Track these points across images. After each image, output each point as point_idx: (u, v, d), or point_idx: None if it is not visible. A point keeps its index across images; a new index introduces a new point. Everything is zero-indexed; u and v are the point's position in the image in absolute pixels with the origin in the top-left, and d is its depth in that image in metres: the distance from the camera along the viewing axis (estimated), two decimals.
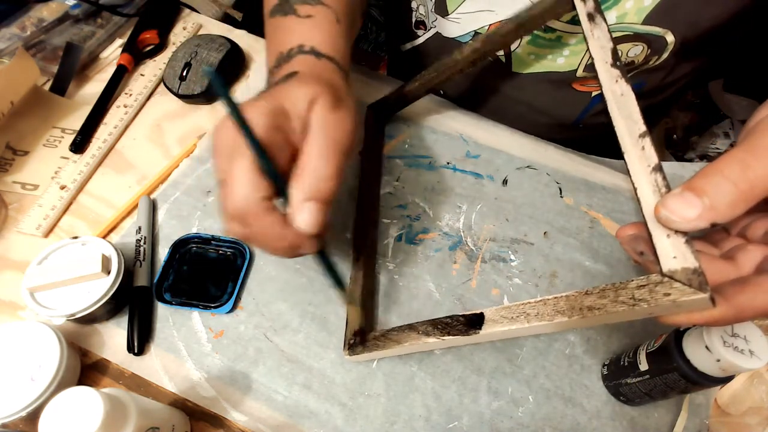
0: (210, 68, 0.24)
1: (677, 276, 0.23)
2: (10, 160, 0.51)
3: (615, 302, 0.25)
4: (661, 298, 0.23)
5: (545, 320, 0.27)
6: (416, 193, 0.50)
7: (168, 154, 0.52)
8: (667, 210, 0.23)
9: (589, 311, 0.26)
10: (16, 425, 0.34)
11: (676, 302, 0.23)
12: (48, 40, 0.59)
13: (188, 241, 0.45)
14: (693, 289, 0.22)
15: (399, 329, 0.36)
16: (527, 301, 0.29)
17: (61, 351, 0.35)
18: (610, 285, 0.26)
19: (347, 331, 0.40)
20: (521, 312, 0.29)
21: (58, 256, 0.41)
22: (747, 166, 0.22)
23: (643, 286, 0.24)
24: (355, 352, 0.38)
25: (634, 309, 0.24)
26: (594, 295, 0.26)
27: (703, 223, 0.23)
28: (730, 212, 0.22)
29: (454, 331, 0.32)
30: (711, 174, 0.23)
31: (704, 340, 0.30)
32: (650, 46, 0.46)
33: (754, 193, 0.22)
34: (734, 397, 0.40)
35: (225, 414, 0.38)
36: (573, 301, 0.27)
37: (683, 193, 0.23)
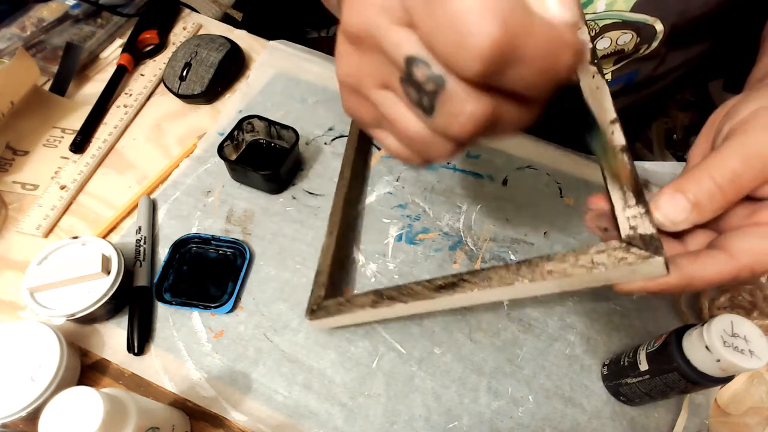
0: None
1: (635, 242, 0.24)
2: (10, 160, 0.51)
3: (574, 266, 0.26)
4: (618, 262, 0.24)
5: (505, 285, 0.28)
6: (416, 193, 0.50)
7: (168, 154, 0.52)
8: (660, 212, 0.24)
9: (549, 274, 0.26)
10: (16, 425, 0.34)
11: (631, 265, 0.23)
12: (48, 40, 0.59)
13: (188, 241, 0.45)
14: (648, 253, 0.23)
15: (364, 294, 0.36)
16: (492, 267, 0.29)
17: (61, 351, 0.35)
18: (572, 251, 0.26)
19: (311, 297, 0.41)
20: (485, 276, 0.29)
21: (58, 256, 0.41)
22: (737, 176, 0.23)
23: (603, 251, 0.25)
24: (317, 317, 0.38)
25: (591, 272, 0.25)
26: (555, 260, 0.27)
27: (688, 225, 0.24)
28: (711, 216, 0.24)
29: (420, 296, 0.32)
30: (702, 179, 0.23)
31: (704, 340, 0.30)
32: (639, 34, 0.46)
33: (736, 198, 0.23)
34: (734, 397, 0.40)
35: (225, 414, 0.38)
36: (534, 266, 0.27)
37: (673, 195, 0.24)
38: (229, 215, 0.48)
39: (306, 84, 0.58)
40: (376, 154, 0.53)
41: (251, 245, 0.46)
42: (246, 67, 0.60)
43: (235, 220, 0.48)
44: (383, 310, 0.34)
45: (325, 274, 0.41)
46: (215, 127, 0.54)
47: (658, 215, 0.24)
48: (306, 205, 0.49)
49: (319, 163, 0.52)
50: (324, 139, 0.54)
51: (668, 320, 0.43)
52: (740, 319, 0.30)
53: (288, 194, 0.50)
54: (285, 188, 0.50)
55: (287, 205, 0.49)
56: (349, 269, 0.45)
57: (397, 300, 0.33)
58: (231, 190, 0.50)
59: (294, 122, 0.54)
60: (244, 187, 0.50)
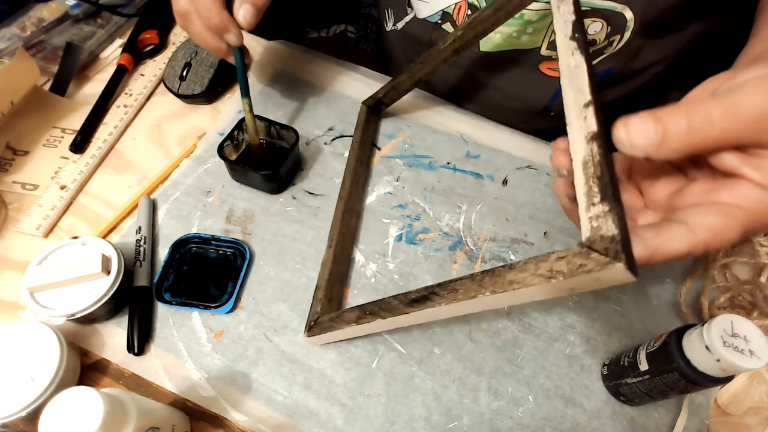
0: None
1: (595, 245, 0.22)
2: (10, 160, 0.51)
3: (534, 275, 0.24)
4: (576, 269, 0.22)
5: (469, 297, 0.26)
6: (416, 193, 0.50)
7: (168, 154, 0.52)
8: (626, 129, 0.24)
9: (510, 285, 0.25)
10: (16, 425, 0.34)
11: (590, 273, 0.21)
12: (48, 40, 0.59)
13: (188, 241, 0.45)
14: (608, 258, 0.21)
15: (350, 310, 0.36)
16: (460, 278, 0.28)
17: (61, 351, 0.35)
18: (533, 258, 0.24)
19: (309, 313, 0.41)
20: (452, 289, 0.28)
21: (58, 256, 0.41)
22: (711, 121, 0.23)
23: (563, 257, 0.23)
24: (312, 333, 0.39)
25: (550, 282, 0.23)
26: (516, 269, 0.25)
27: (641, 154, 0.24)
28: (668, 155, 0.24)
29: (396, 311, 0.32)
30: (679, 114, 0.23)
31: (704, 340, 0.30)
32: (609, 23, 0.46)
33: (697, 147, 0.23)
34: (734, 397, 0.40)
35: (225, 414, 0.38)
36: (497, 276, 0.26)
37: (647, 120, 0.23)
38: (229, 215, 0.48)
39: (306, 84, 0.58)
40: (376, 154, 0.53)
41: (251, 245, 0.46)
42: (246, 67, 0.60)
43: (235, 220, 0.48)
44: (366, 326, 0.34)
45: (322, 290, 0.42)
46: (215, 127, 0.54)
47: (621, 132, 0.24)
48: (306, 205, 0.49)
49: (319, 163, 0.52)
50: (324, 139, 0.54)
51: (668, 320, 0.43)
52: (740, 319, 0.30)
53: (288, 194, 0.50)
54: (285, 188, 0.50)
55: (287, 205, 0.49)
56: (348, 270, 0.45)
57: (377, 315, 0.33)
58: (231, 190, 0.50)
59: (294, 122, 0.54)
60: (244, 187, 0.50)
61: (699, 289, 0.44)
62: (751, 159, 0.24)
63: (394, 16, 0.61)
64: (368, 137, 0.53)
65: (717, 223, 0.24)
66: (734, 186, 0.25)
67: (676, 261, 0.46)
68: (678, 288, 0.44)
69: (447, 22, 0.53)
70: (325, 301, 0.41)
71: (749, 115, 0.23)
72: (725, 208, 0.24)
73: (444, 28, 0.54)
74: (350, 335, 0.38)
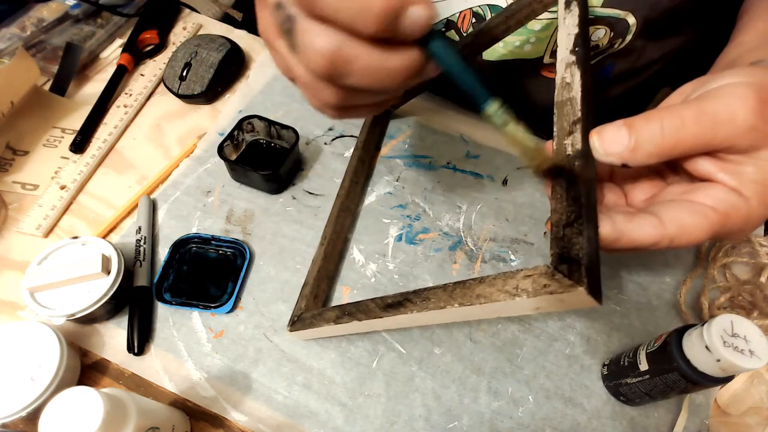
0: None
1: (560, 267, 0.22)
2: (10, 160, 0.51)
3: (500, 291, 0.24)
4: (541, 289, 0.22)
5: (438, 307, 0.26)
6: (416, 193, 0.50)
7: (168, 154, 0.52)
8: (599, 137, 0.24)
9: (477, 299, 0.24)
10: (16, 425, 0.34)
11: (554, 295, 0.21)
12: (48, 40, 0.59)
13: (188, 241, 0.45)
14: (571, 281, 0.21)
15: (331, 309, 0.36)
16: (434, 287, 0.28)
17: (61, 351, 0.35)
18: (502, 274, 0.24)
19: (294, 308, 0.41)
20: (425, 297, 0.28)
21: (58, 256, 0.41)
22: (683, 126, 0.23)
23: (529, 276, 0.23)
24: (295, 328, 0.39)
25: (514, 300, 0.23)
26: (486, 283, 0.25)
27: (617, 161, 0.24)
28: (643, 160, 0.24)
29: (371, 314, 0.32)
30: (652, 120, 0.23)
31: (704, 340, 0.30)
32: (613, 29, 0.46)
33: (672, 152, 0.24)
34: (734, 397, 0.40)
35: (225, 414, 0.38)
36: (467, 288, 0.25)
37: (620, 127, 0.24)
38: (229, 215, 0.48)
39: None
40: (376, 154, 0.53)
41: (251, 245, 0.46)
42: (246, 67, 0.60)
43: (235, 220, 0.48)
44: (345, 326, 0.34)
45: (309, 286, 0.42)
46: (215, 127, 0.54)
47: (595, 140, 0.24)
48: (306, 205, 0.49)
49: (319, 163, 0.52)
50: (324, 139, 0.54)
51: (668, 320, 0.43)
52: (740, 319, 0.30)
53: (288, 194, 0.50)
54: (285, 188, 0.50)
55: (287, 205, 0.49)
56: (339, 268, 0.45)
57: (353, 317, 0.33)
58: (231, 190, 0.50)
59: (294, 122, 0.54)
60: (244, 187, 0.50)
61: (699, 289, 0.44)
62: (726, 165, 0.25)
63: None
64: (373, 138, 0.53)
65: (687, 220, 0.24)
66: (710, 189, 0.25)
67: (677, 261, 0.46)
68: (678, 288, 0.44)
69: (451, 29, 0.53)
70: (311, 297, 0.41)
71: (720, 120, 0.23)
72: (698, 208, 0.25)
73: (449, 36, 0.54)
74: (331, 333, 0.38)
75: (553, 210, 0.25)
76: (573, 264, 0.21)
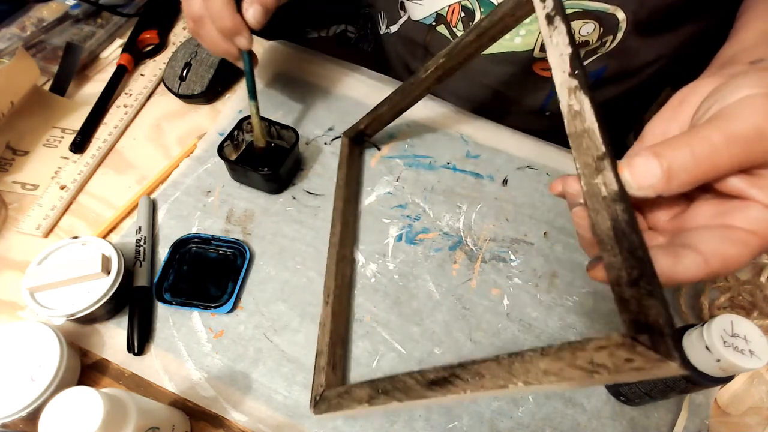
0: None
1: (641, 337, 0.20)
2: (10, 160, 0.51)
3: (573, 367, 0.21)
4: (623, 364, 0.20)
5: (498, 386, 0.24)
6: (416, 193, 0.50)
7: (168, 154, 0.52)
8: (630, 172, 0.23)
9: (545, 376, 0.22)
10: (16, 425, 0.34)
11: (640, 371, 0.19)
12: (48, 40, 0.59)
13: (188, 241, 0.45)
14: (659, 355, 0.19)
15: (360, 386, 0.32)
16: (484, 359, 0.25)
17: (61, 351, 0.35)
18: (566, 344, 0.22)
19: (314, 384, 0.37)
20: (476, 372, 0.25)
21: (58, 256, 0.41)
22: (716, 152, 0.22)
23: (603, 347, 0.20)
24: (321, 410, 0.35)
25: (593, 377, 0.20)
26: (550, 356, 0.22)
27: (652, 194, 0.23)
28: (678, 189, 0.23)
29: (413, 394, 0.28)
30: (680, 147, 0.23)
31: (704, 340, 0.30)
32: (602, 24, 0.46)
33: (707, 177, 0.23)
34: (734, 397, 0.40)
35: (225, 414, 0.38)
36: (528, 362, 0.23)
37: (649, 158, 0.23)
38: (229, 215, 0.48)
39: (306, 84, 0.58)
40: (376, 154, 0.53)
41: (251, 245, 0.46)
42: None
43: (235, 220, 0.48)
44: (381, 407, 0.30)
45: (325, 355, 0.38)
46: (215, 127, 0.54)
47: (626, 174, 0.23)
48: (306, 205, 0.49)
49: (319, 163, 0.52)
50: (324, 139, 0.54)
51: None
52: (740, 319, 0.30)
53: (288, 194, 0.50)
54: (285, 188, 0.50)
55: (287, 205, 0.49)
56: (350, 324, 0.43)
57: (391, 397, 0.29)
58: (231, 190, 0.50)
59: (294, 122, 0.54)
60: (244, 187, 0.50)
61: (699, 289, 0.44)
62: (758, 180, 0.24)
63: (387, 20, 0.61)
64: (354, 173, 0.50)
65: (730, 252, 0.23)
66: (746, 209, 0.24)
67: None
68: (678, 288, 0.44)
69: (441, 24, 0.53)
70: (329, 369, 0.37)
71: (751, 138, 0.22)
72: (738, 235, 0.24)
73: (438, 30, 0.54)
74: (366, 413, 0.34)
75: (607, 266, 0.23)
76: (654, 333, 0.19)
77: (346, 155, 0.50)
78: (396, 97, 0.45)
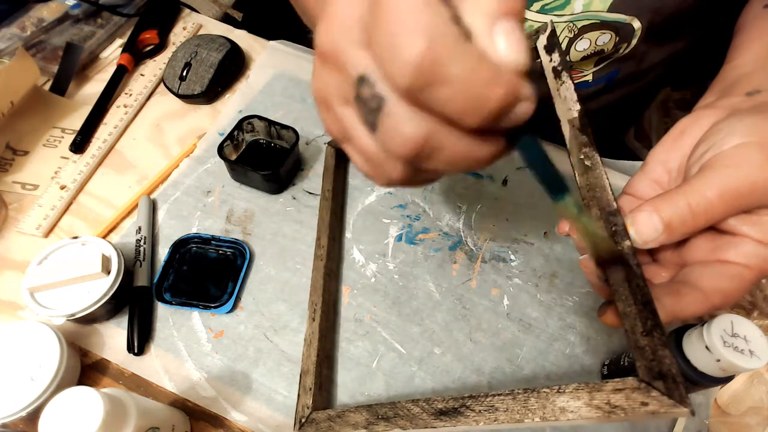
0: None
1: (656, 383, 0.22)
2: (10, 160, 0.51)
3: (589, 407, 0.23)
4: (639, 407, 0.22)
5: (514, 420, 0.25)
6: (416, 193, 0.50)
7: (168, 154, 0.52)
8: (636, 230, 0.26)
9: (562, 413, 0.23)
10: (16, 425, 0.34)
11: (654, 415, 0.21)
12: (48, 40, 0.59)
13: (188, 241, 0.45)
14: (673, 401, 0.21)
15: (355, 411, 0.31)
16: (497, 393, 0.26)
17: (61, 351, 0.35)
18: (583, 384, 0.24)
19: (298, 404, 0.36)
20: (489, 405, 0.26)
21: (58, 256, 0.41)
22: (711, 207, 0.25)
23: (620, 390, 0.22)
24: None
25: (609, 417, 0.22)
26: (567, 394, 0.24)
27: (655, 245, 0.26)
28: (678, 239, 0.26)
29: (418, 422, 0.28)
30: (679, 204, 0.25)
31: (704, 340, 0.30)
32: (618, 34, 0.47)
33: (704, 227, 0.26)
34: (734, 397, 0.40)
35: (225, 414, 0.38)
36: (544, 399, 0.24)
37: (651, 215, 0.25)
38: (229, 215, 0.48)
39: (306, 84, 0.58)
40: None
41: (251, 245, 0.46)
42: (246, 67, 0.60)
43: (235, 220, 0.48)
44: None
45: (312, 375, 0.37)
46: (215, 127, 0.54)
47: (633, 232, 0.26)
48: (306, 205, 0.49)
49: (319, 163, 0.52)
50: (324, 139, 0.54)
51: None
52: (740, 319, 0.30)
53: (288, 194, 0.50)
54: (285, 188, 0.50)
55: (287, 205, 0.49)
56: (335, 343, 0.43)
57: (393, 424, 0.29)
58: (231, 190, 0.50)
59: (294, 122, 0.54)
60: (244, 187, 0.50)
61: None
62: (749, 217, 0.25)
63: None
64: (340, 185, 0.49)
65: (727, 287, 0.26)
66: (739, 244, 0.26)
67: None
68: None
69: None
70: (316, 390, 0.36)
71: (743, 193, 0.24)
72: (734, 270, 0.26)
73: None
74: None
75: (623, 314, 0.25)
76: (669, 381, 0.22)
77: (332, 166, 0.49)
78: None
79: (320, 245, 0.44)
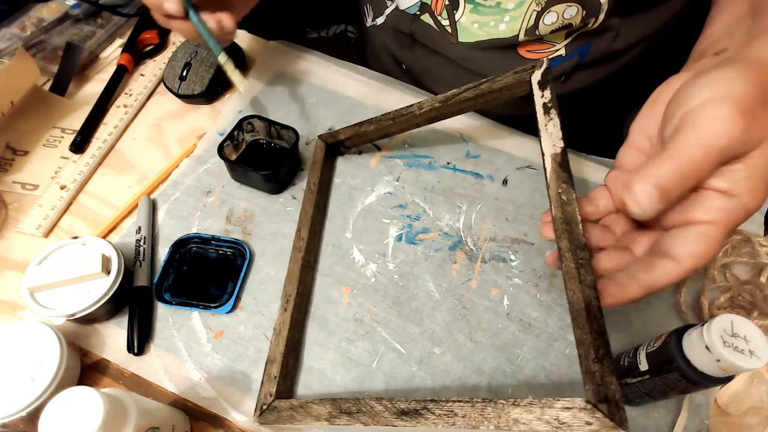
0: None
1: (600, 405, 0.24)
2: (10, 160, 0.51)
3: (540, 420, 0.25)
4: (583, 425, 0.24)
5: (470, 426, 0.27)
6: (416, 193, 0.50)
7: (168, 154, 0.52)
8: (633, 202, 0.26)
9: (515, 424, 0.26)
10: (16, 425, 0.34)
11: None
12: (48, 40, 0.59)
13: (188, 241, 0.45)
14: (613, 423, 0.24)
15: (320, 402, 0.31)
16: (457, 399, 0.28)
17: (61, 351, 0.35)
18: (537, 400, 0.26)
19: (261, 391, 0.36)
20: (449, 410, 0.28)
21: (58, 256, 0.41)
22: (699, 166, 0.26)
23: (569, 408, 0.25)
24: (266, 420, 0.34)
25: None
26: (521, 407, 0.26)
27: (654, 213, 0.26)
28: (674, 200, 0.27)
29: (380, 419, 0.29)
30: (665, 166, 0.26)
31: (704, 340, 0.30)
32: (584, 7, 0.47)
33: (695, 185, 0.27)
34: (734, 397, 0.40)
35: (225, 414, 0.38)
36: (500, 409, 0.27)
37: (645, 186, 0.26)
38: (229, 215, 0.48)
39: (306, 84, 0.58)
40: (376, 154, 0.53)
41: (251, 245, 0.46)
42: (246, 67, 0.60)
43: (235, 220, 0.48)
44: (341, 429, 0.31)
45: (278, 364, 0.37)
46: (215, 127, 0.54)
47: (632, 205, 0.27)
48: None
49: None
50: None
51: (668, 320, 0.43)
52: (740, 319, 0.30)
53: (288, 194, 0.50)
54: (285, 188, 0.50)
55: (287, 205, 0.49)
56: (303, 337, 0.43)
57: (354, 419, 0.29)
58: (231, 190, 0.50)
59: (294, 122, 0.54)
60: (244, 187, 0.50)
61: (699, 289, 0.44)
62: (716, 168, 0.26)
63: (373, 11, 0.61)
64: (326, 180, 0.50)
65: (697, 249, 0.27)
66: (703, 201, 0.27)
67: None
68: (678, 288, 0.44)
69: (425, 12, 0.53)
70: (281, 379, 0.37)
71: (720, 148, 0.26)
72: (701, 230, 0.27)
73: (422, 19, 0.54)
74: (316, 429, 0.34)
75: (578, 340, 0.27)
76: (612, 405, 0.24)
77: (320, 159, 0.50)
78: (385, 123, 0.46)
79: (300, 237, 0.45)
